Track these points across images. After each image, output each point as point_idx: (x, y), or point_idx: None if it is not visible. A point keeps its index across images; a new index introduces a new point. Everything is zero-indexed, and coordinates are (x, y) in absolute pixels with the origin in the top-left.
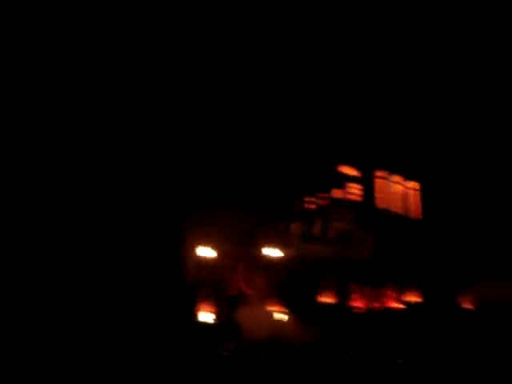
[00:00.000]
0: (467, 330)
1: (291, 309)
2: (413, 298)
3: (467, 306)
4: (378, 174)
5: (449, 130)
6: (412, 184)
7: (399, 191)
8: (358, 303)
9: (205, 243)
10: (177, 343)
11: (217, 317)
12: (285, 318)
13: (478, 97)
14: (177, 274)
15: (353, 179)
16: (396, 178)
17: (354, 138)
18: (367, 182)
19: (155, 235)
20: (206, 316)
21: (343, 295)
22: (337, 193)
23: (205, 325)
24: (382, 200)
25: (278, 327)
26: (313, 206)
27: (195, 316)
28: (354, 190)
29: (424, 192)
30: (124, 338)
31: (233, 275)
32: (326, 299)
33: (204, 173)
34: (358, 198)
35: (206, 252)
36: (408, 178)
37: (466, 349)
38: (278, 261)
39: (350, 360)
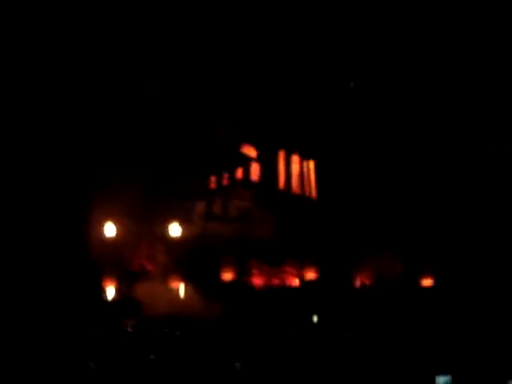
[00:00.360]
0: (363, 306)
1: (193, 285)
2: (311, 274)
3: (363, 281)
4: (278, 154)
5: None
6: (309, 163)
7: (297, 171)
8: (257, 280)
9: (107, 220)
10: (82, 320)
11: (119, 293)
12: (186, 294)
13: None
14: (80, 251)
15: (253, 159)
16: (294, 157)
17: (256, 117)
18: (268, 162)
19: (58, 214)
20: (109, 292)
21: (243, 272)
22: (238, 172)
23: (108, 301)
24: (281, 180)
25: (179, 303)
26: (214, 185)
27: (99, 293)
28: (255, 170)
29: (319, 171)
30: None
31: (135, 251)
32: (227, 276)
33: (107, 145)
34: (259, 178)
35: (108, 229)
36: (305, 157)
37: (361, 324)
38: (180, 238)
39: (249, 335)
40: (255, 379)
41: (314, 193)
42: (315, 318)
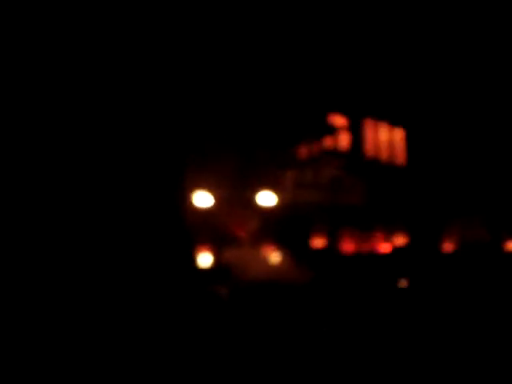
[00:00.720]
0: (450, 273)
1: (284, 252)
2: (400, 240)
3: (451, 247)
4: (367, 122)
5: (435, 77)
6: (398, 131)
7: (386, 138)
8: (348, 246)
9: (200, 188)
10: (176, 288)
11: (213, 260)
12: (278, 260)
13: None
14: (174, 219)
15: (342, 128)
16: (383, 125)
17: (343, 86)
18: (356, 130)
19: (151, 181)
20: (203, 259)
21: (334, 239)
22: (327, 141)
23: (202, 269)
24: (370, 148)
25: (271, 270)
26: (305, 154)
27: (193, 260)
28: (344, 139)
29: (409, 138)
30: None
31: (228, 219)
32: (318, 243)
33: (197, 119)
34: (348, 146)
35: (201, 196)
36: (394, 124)
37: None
38: (272, 206)
39: (340, 303)
40: (343, 344)
41: (402, 160)
42: (403, 283)
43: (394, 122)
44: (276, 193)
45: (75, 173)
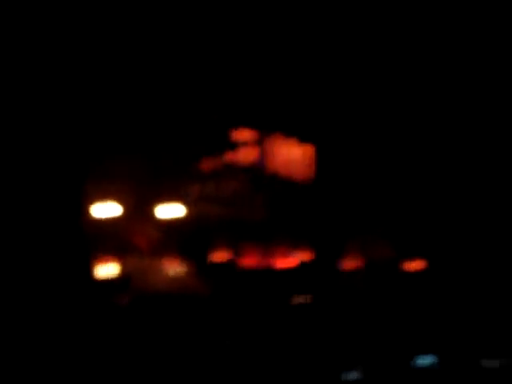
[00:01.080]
0: (351, 290)
1: (185, 264)
2: (304, 255)
3: (355, 264)
4: (272, 136)
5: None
6: (306, 146)
7: (293, 153)
8: (249, 261)
9: (102, 198)
10: (74, 299)
11: (112, 270)
12: (179, 272)
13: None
14: (74, 230)
15: (247, 142)
16: (290, 140)
17: (250, 99)
18: (260, 144)
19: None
20: (102, 270)
21: (236, 253)
22: (231, 154)
23: (101, 280)
24: (274, 162)
25: (171, 282)
26: (208, 167)
27: (91, 272)
28: (249, 153)
29: (318, 154)
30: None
31: (128, 230)
32: (219, 257)
33: (100, 126)
34: (252, 161)
35: (102, 206)
36: (303, 140)
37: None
38: (174, 217)
39: (240, 315)
40: (244, 356)
41: (309, 175)
42: (304, 299)
43: (302, 138)
44: (178, 205)
45: None
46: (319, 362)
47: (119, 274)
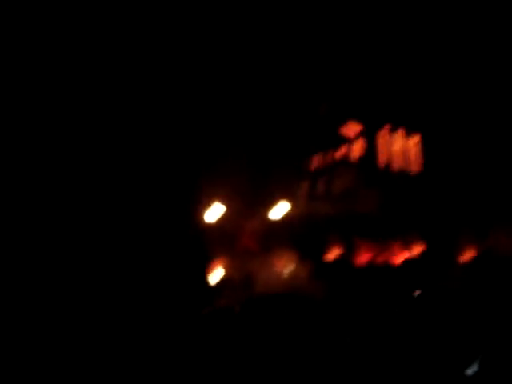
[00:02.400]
0: (469, 282)
1: (300, 263)
2: (418, 250)
3: (471, 256)
4: (381, 130)
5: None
6: (413, 138)
7: (400, 146)
8: (363, 257)
9: (214, 201)
10: (189, 304)
11: (227, 274)
12: (292, 273)
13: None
14: (188, 232)
15: (356, 136)
16: (397, 133)
17: (356, 94)
18: (370, 140)
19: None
20: (217, 274)
21: (349, 250)
22: (340, 151)
23: (215, 283)
24: (384, 156)
25: (286, 282)
26: (318, 164)
27: (206, 274)
28: (358, 148)
29: (425, 145)
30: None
31: (241, 232)
32: (333, 255)
33: (211, 131)
34: (362, 155)
35: (215, 209)
36: (409, 132)
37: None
38: (286, 218)
39: (356, 314)
40: (363, 354)
41: (418, 167)
42: (418, 293)
43: (409, 130)
44: (290, 204)
45: (90, 187)
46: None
47: (232, 275)
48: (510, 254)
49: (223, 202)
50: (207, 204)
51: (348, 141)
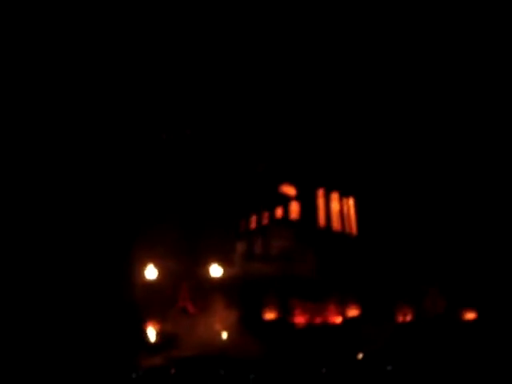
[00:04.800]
0: (406, 341)
1: (236, 325)
2: (353, 311)
3: (406, 318)
4: (317, 192)
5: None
6: (348, 201)
7: (337, 208)
8: (300, 318)
9: (149, 262)
10: (124, 361)
11: (163, 335)
12: (229, 333)
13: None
14: (123, 294)
15: (292, 198)
16: (334, 195)
17: (295, 157)
18: (307, 201)
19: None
20: (152, 334)
21: (286, 311)
22: (278, 212)
23: (151, 344)
24: (321, 218)
25: (222, 342)
26: (255, 225)
27: (142, 334)
28: (294, 209)
29: (359, 208)
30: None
31: (177, 294)
32: (270, 315)
33: (147, 191)
34: (298, 216)
35: (150, 271)
36: (344, 194)
37: (403, 359)
38: (222, 278)
39: (294, 373)
40: None
41: (354, 229)
42: (360, 355)
43: (344, 192)
44: (225, 265)
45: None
46: None
47: (168, 334)
48: (442, 315)
49: (158, 264)
50: (142, 265)
51: (285, 202)
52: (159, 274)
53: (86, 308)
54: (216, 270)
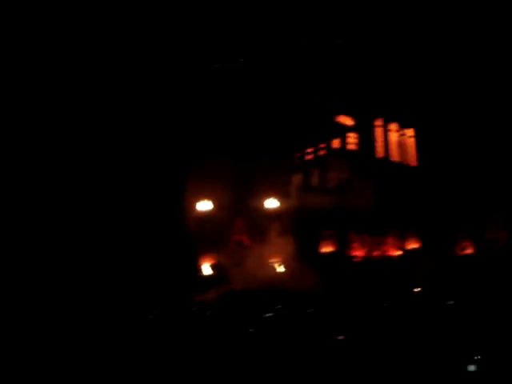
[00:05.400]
0: (467, 276)
1: (292, 258)
2: (413, 244)
3: (467, 251)
4: (376, 122)
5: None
6: (408, 131)
7: (396, 139)
8: (358, 252)
9: (203, 196)
10: (180, 297)
11: (218, 269)
12: (285, 267)
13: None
14: (178, 228)
15: (350, 129)
16: (393, 125)
17: (351, 86)
18: (365, 131)
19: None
20: (208, 269)
21: (343, 244)
22: (335, 143)
23: (206, 278)
24: (379, 149)
25: (278, 277)
26: (311, 157)
27: (197, 269)
28: (352, 140)
29: (419, 138)
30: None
31: (232, 227)
32: (327, 248)
33: (201, 124)
34: (356, 148)
35: (205, 205)
36: (404, 125)
37: (465, 294)
38: (278, 212)
39: (348, 308)
40: (358, 352)
41: (413, 160)
42: (418, 289)
43: (403, 123)
44: (281, 197)
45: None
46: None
47: (222, 269)
48: (507, 248)
49: (213, 198)
50: (197, 200)
51: (342, 133)
52: (214, 208)
53: (140, 243)
54: (272, 203)
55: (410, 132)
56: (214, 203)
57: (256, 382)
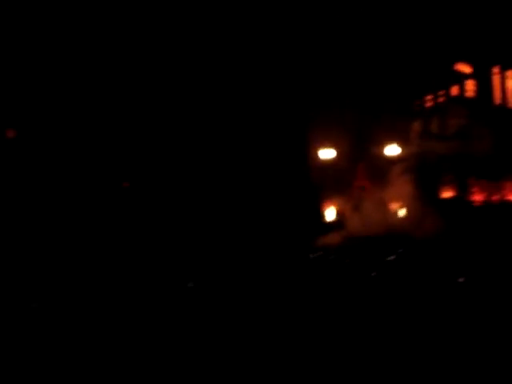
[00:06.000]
0: None
1: (413, 204)
2: None
3: None
4: (493, 70)
5: None
6: None
7: None
8: (477, 196)
9: (325, 144)
10: (300, 242)
11: (340, 214)
12: (406, 212)
13: None
14: (302, 175)
15: (469, 76)
16: (510, 73)
17: (469, 34)
18: (483, 79)
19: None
20: (331, 214)
21: (463, 189)
22: (454, 90)
23: (329, 223)
24: (497, 96)
25: (399, 222)
26: (431, 104)
27: (321, 215)
28: (470, 87)
29: None
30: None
31: (354, 174)
32: (447, 194)
33: (320, 73)
34: (474, 95)
35: (328, 153)
36: None
37: None
38: (398, 158)
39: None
40: (476, 293)
41: None
42: None
43: None
44: (401, 144)
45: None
46: None
47: (345, 214)
48: None
49: (335, 145)
50: (319, 147)
51: (460, 80)
52: (336, 156)
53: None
54: (393, 150)
55: None
56: (336, 150)
57: (382, 325)
